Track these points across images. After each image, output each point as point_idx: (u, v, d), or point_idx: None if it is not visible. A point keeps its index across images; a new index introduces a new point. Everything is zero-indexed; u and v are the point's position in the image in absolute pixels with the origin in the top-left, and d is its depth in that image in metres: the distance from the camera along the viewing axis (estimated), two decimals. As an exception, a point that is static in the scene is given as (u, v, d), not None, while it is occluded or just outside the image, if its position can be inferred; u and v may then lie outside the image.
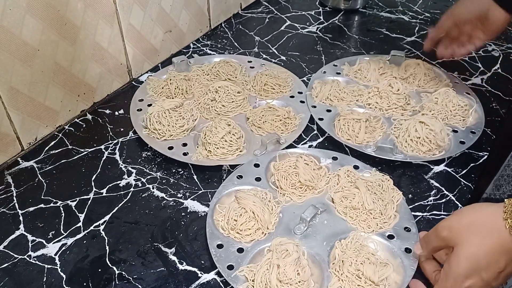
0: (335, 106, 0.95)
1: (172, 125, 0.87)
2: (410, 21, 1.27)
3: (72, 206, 0.77)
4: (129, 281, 0.67)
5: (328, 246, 0.70)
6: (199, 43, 1.16)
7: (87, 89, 0.94)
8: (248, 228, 0.71)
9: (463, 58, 1.13)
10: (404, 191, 0.78)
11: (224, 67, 1.02)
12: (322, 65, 1.07)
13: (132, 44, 1.00)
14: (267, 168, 0.81)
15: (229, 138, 0.84)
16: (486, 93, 1.02)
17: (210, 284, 0.67)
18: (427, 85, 1.00)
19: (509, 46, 1.17)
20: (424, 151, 0.84)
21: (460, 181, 0.82)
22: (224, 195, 0.77)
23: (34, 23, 0.77)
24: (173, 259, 0.69)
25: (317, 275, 0.67)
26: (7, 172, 0.82)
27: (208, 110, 0.93)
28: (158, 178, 0.81)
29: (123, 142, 0.88)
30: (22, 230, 0.73)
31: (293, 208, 0.75)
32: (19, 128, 0.83)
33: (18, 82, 0.79)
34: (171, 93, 0.96)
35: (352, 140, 0.87)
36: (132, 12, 0.96)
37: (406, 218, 0.74)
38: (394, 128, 0.90)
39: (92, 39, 0.90)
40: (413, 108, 0.94)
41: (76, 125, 0.92)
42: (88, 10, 0.87)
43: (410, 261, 0.67)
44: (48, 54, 0.83)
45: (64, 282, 0.66)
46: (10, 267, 0.68)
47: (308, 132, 0.91)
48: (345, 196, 0.76)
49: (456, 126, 0.91)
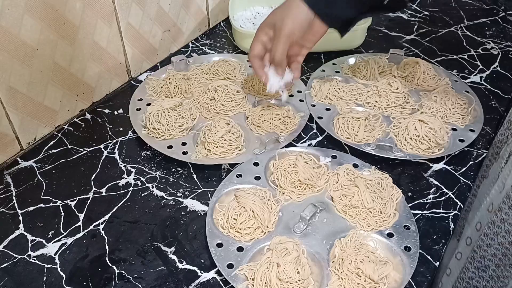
0: (334, 105, 0.95)
1: (171, 124, 0.87)
2: (409, 20, 1.27)
3: (72, 205, 0.77)
4: (129, 280, 0.67)
5: (328, 245, 0.70)
6: (198, 42, 1.16)
7: (86, 88, 0.93)
8: (248, 227, 0.71)
9: (462, 56, 1.13)
10: (403, 189, 0.78)
11: (223, 66, 1.02)
12: (321, 64, 1.07)
13: (131, 44, 1.00)
14: (266, 167, 0.81)
15: (228, 137, 0.84)
16: (485, 91, 1.02)
17: (210, 283, 0.67)
18: (426, 83, 1.00)
19: (508, 44, 1.17)
20: (423, 149, 0.84)
21: (459, 179, 0.82)
22: (224, 194, 0.77)
23: (32, 22, 0.77)
24: (173, 258, 0.69)
25: (317, 274, 0.67)
26: (7, 172, 0.82)
27: (207, 109, 0.92)
28: (158, 177, 0.81)
29: (123, 142, 0.88)
30: (21, 229, 0.73)
31: (293, 207, 0.75)
32: (18, 128, 0.83)
33: (17, 82, 0.79)
34: (170, 92, 0.96)
35: (351, 138, 0.87)
36: (131, 11, 0.96)
37: (405, 216, 0.74)
38: (393, 127, 0.90)
39: (91, 38, 0.90)
40: (412, 106, 0.94)
41: (75, 125, 0.92)
42: (87, 9, 0.86)
43: (409, 259, 0.67)
44: (47, 54, 0.82)
45: (64, 282, 0.66)
46: (10, 267, 0.68)
47: (307, 130, 0.91)
48: (345, 194, 0.76)
49: (455, 124, 0.91)
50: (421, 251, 0.70)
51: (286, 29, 0.76)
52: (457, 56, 1.13)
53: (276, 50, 0.79)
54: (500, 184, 0.69)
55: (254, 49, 0.81)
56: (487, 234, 0.68)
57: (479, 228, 0.70)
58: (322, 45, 1.13)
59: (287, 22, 0.75)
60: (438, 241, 0.72)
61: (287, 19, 0.76)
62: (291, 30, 0.76)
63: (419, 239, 0.70)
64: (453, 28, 1.24)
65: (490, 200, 0.70)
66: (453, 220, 0.76)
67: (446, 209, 0.77)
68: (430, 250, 0.71)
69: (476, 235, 0.71)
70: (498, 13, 1.30)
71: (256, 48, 0.81)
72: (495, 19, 1.28)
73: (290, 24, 0.76)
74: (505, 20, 1.27)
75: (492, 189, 0.71)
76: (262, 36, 0.80)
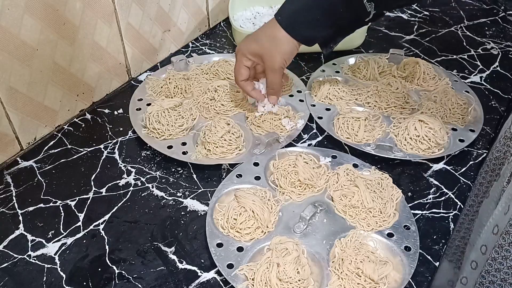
0: (334, 105, 0.95)
1: (171, 124, 0.87)
2: (409, 20, 1.27)
3: (72, 205, 0.77)
4: (129, 280, 0.67)
5: (328, 245, 0.70)
6: (198, 42, 1.16)
7: (86, 88, 0.93)
8: (248, 227, 0.71)
9: (462, 56, 1.13)
10: (403, 189, 0.78)
11: (223, 66, 1.02)
12: (321, 64, 1.07)
13: (131, 44, 1.00)
14: (266, 167, 0.81)
15: (228, 137, 0.83)
16: (485, 91, 1.02)
17: (210, 283, 0.67)
18: (426, 83, 1.00)
19: (508, 44, 1.18)
20: (423, 149, 0.84)
21: (459, 179, 0.82)
22: (224, 194, 0.77)
23: (32, 22, 0.77)
24: (173, 258, 0.69)
25: (317, 274, 0.67)
26: (7, 172, 0.82)
27: (207, 109, 0.92)
28: (158, 177, 0.81)
29: (122, 142, 0.88)
30: (21, 229, 0.73)
31: (293, 207, 0.75)
32: (18, 128, 0.83)
33: (17, 82, 0.79)
34: (170, 92, 0.96)
35: (351, 138, 0.87)
36: (131, 11, 0.96)
37: (405, 216, 0.74)
38: (393, 127, 0.90)
39: (91, 38, 0.90)
40: (412, 106, 0.94)
41: (75, 125, 0.92)
42: (87, 9, 0.86)
43: (409, 259, 0.67)
44: (47, 54, 0.82)
45: (64, 282, 0.66)
46: (10, 267, 0.68)
47: (307, 130, 0.91)
48: (345, 194, 0.76)
49: (455, 124, 0.91)
50: (421, 251, 0.70)
51: (279, 64, 0.81)
52: (457, 56, 1.13)
53: (274, 83, 0.84)
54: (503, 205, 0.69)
55: (242, 75, 0.84)
56: (495, 258, 0.68)
57: (485, 252, 0.70)
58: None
59: (277, 58, 0.80)
60: (438, 241, 0.72)
61: (276, 54, 0.80)
62: (283, 63, 0.82)
63: (419, 239, 0.70)
64: (453, 28, 1.24)
65: (494, 222, 0.70)
66: (453, 220, 0.76)
67: (446, 209, 0.77)
68: (430, 250, 0.71)
69: (483, 259, 0.71)
70: (498, 13, 1.30)
71: (243, 73, 0.84)
72: (495, 19, 1.28)
73: (280, 59, 0.81)
74: (505, 20, 1.27)
75: (495, 210, 0.71)
76: (246, 62, 0.83)
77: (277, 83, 0.84)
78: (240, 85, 0.86)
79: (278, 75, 0.83)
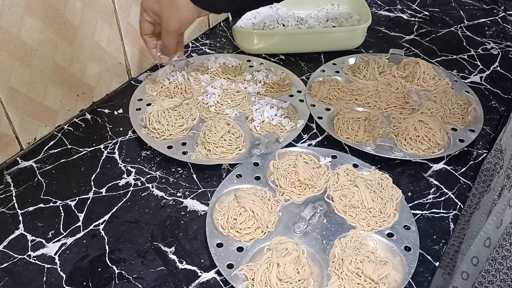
0: (334, 105, 0.95)
1: (171, 124, 0.87)
2: (409, 20, 1.27)
3: (72, 205, 0.77)
4: (129, 280, 0.67)
5: (328, 245, 0.70)
6: (198, 42, 1.16)
7: (86, 88, 0.93)
8: (248, 227, 0.71)
9: (462, 56, 1.13)
10: (403, 189, 0.78)
11: (223, 66, 1.02)
12: (321, 64, 1.07)
13: (131, 44, 0.99)
14: (266, 167, 0.81)
15: (228, 137, 0.84)
16: (485, 91, 1.03)
17: (210, 283, 0.67)
18: (426, 83, 1.00)
19: (508, 44, 1.18)
20: (423, 149, 0.84)
21: (459, 179, 0.82)
22: (224, 194, 0.77)
23: (32, 22, 0.77)
24: (173, 258, 0.69)
25: (317, 274, 0.67)
26: (7, 172, 0.82)
27: (207, 109, 0.92)
28: (158, 177, 0.81)
29: (122, 142, 0.88)
30: (21, 230, 0.73)
31: (293, 207, 0.75)
32: (18, 128, 0.83)
33: (17, 82, 0.79)
34: (170, 92, 0.96)
35: (351, 138, 0.87)
36: (131, 11, 0.96)
37: (405, 216, 0.74)
38: (393, 127, 0.90)
39: (91, 38, 0.90)
40: (412, 106, 0.94)
41: (75, 125, 0.92)
42: (87, 9, 0.86)
43: (409, 259, 0.67)
44: (47, 54, 0.82)
45: (64, 282, 0.66)
46: (10, 267, 0.68)
47: (307, 131, 0.91)
48: (345, 194, 0.76)
49: (455, 124, 0.91)
50: (421, 251, 0.70)
51: (173, 28, 0.81)
52: (457, 56, 1.13)
53: (168, 44, 0.84)
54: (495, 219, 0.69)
55: (144, 29, 0.85)
56: (488, 270, 0.68)
57: (476, 263, 0.71)
58: (322, 45, 1.13)
59: (173, 23, 0.80)
60: (438, 241, 0.72)
61: (173, 18, 0.80)
62: (178, 29, 0.82)
63: (419, 239, 0.70)
64: (453, 28, 1.24)
65: (485, 235, 0.70)
66: (453, 220, 0.76)
67: (446, 209, 0.77)
68: (430, 250, 0.71)
69: (475, 271, 0.72)
70: (498, 13, 1.30)
71: (145, 28, 0.85)
72: (495, 19, 1.28)
73: (176, 24, 0.81)
74: (505, 20, 1.27)
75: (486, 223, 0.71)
76: (147, 17, 0.84)
77: (171, 44, 0.84)
78: (143, 39, 0.87)
79: (172, 38, 0.83)
